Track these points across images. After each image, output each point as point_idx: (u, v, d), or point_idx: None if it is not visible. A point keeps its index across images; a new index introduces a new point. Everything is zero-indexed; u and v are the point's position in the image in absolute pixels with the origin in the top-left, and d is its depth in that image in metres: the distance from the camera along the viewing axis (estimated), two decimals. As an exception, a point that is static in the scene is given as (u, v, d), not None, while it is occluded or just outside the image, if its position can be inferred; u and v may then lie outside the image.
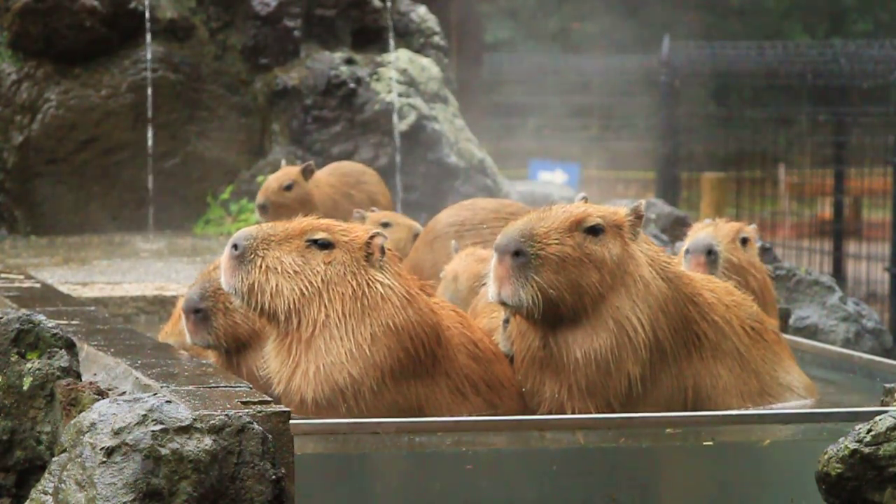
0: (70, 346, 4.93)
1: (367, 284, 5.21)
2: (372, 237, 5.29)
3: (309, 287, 5.17)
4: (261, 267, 5.17)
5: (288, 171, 9.15)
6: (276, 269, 5.17)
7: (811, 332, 8.17)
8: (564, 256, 5.20)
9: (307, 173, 9.08)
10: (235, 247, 5.21)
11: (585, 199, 5.62)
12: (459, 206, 7.63)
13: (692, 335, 5.45)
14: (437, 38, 13.01)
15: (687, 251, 6.25)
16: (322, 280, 5.18)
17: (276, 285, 5.15)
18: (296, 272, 5.17)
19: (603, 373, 5.24)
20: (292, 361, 5.18)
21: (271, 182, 9.10)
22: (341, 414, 5.11)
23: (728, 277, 6.16)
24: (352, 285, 5.19)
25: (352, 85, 12.00)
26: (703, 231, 6.37)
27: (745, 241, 6.41)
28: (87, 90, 11.55)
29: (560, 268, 5.19)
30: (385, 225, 8.16)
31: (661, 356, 5.32)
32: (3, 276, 7.81)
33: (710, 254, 6.21)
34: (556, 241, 5.20)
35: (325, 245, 5.23)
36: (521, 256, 5.17)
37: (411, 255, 7.44)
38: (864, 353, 7.29)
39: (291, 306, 5.16)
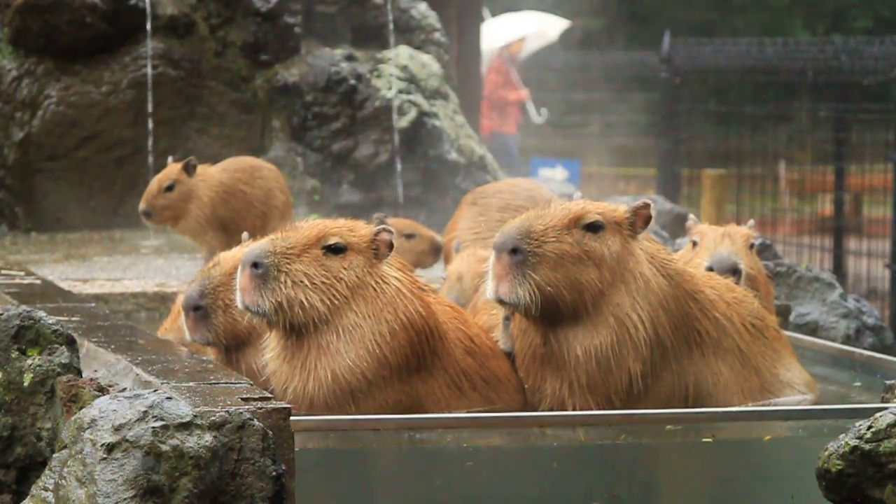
0: (70, 343, 4.93)
1: (383, 281, 5.23)
2: (377, 233, 5.30)
3: (338, 295, 5.17)
4: (286, 283, 5.13)
5: (168, 172, 8.88)
6: (302, 282, 5.15)
7: (812, 328, 8.16)
8: (562, 254, 5.20)
9: (190, 169, 8.90)
10: (256, 265, 5.16)
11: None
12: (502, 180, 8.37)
13: (693, 332, 5.44)
14: (437, 35, 13.00)
15: (710, 268, 6.05)
16: (347, 286, 5.18)
17: (306, 299, 5.13)
18: (323, 283, 5.16)
19: (603, 370, 5.24)
20: (306, 368, 5.17)
21: (152, 185, 8.85)
22: (348, 412, 5.12)
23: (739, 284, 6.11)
24: (371, 285, 5.21)
25: (352, 81, 11.99)
26: (724, 247, 6.17)
27: (751, 246, 6.36)
28: (87, 87, 11.55)
29: (557, 265, 5.18)
30: (409, 236, 8.23)
31: (661, 353, 5.32)
32: (3, 272, 7.81)
33: (735, 272, 6.11)
34: (554, 239, 5.20)
35: (339, 249, 5.23)
36: (518, 254, 5.17)
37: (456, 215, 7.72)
38: (864, 349, 7.30)
39: (323, 317, 5.15)
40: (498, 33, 22.55)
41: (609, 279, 5.25)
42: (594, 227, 5.28)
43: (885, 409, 4.56)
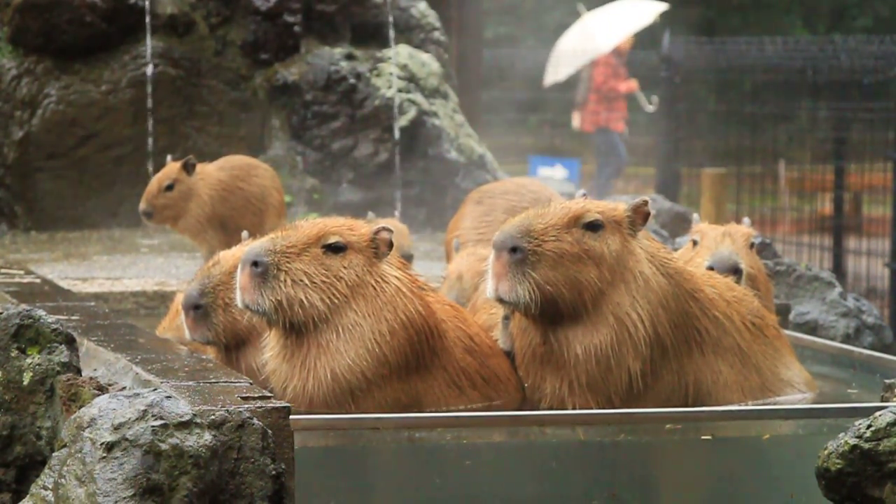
0: (70, 342, 4.93)
1: (383, 280, 5.24)
2: (377, 232, 5.30)
3: (338, 294, 5.17)
4: (286, 282, 5.14)
5: (168, 171, 8.88)
6: (302, 281, 5.15)
7: (811, 327, 8.16)
8: (562, 252, 5.20)
9: (189, 168, 8.88)
10: (256, 264, 5.16)
11: (585, 196, 5.62)
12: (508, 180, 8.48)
13: (693, 331, 5.44)
14: (437, 34, 13.00)
15: (711, 268, 6.02)
16: (347, 285, 5.19)
17: (306, 298, 5.13)
18: (323, 282, 5.16)
19: (603, 369, 5.24)
20: (305, 366, 5.17)
21: (152, 185, 8.83)
22: (348, 411, 5.12)
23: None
24: (371, 284, 5.21)
25: (352, 80, 11.99)
26: (725, 246, 6.15)
27: (751, 245, 6.35)
28: (87, 85, 11.55)
29: (557, 264, 5.18)
30: None
31: (661, 352, 5.32)
32: (3, 271, 7.81)
33: (737, 272, 6.10)
34: (554, 238, 5.20)
35: (339, 248, 5.24)
36: (517, 253, 5.17)
37: (460, 211, 7.68)
38: (864, 348, 7.30)
39: (323, 316, 5.15)
40: (602, 30, 22.12)
41: (609, 278, 5.25)
42: (594, 226, 5.28)
43: (885, 407, 4.56)
